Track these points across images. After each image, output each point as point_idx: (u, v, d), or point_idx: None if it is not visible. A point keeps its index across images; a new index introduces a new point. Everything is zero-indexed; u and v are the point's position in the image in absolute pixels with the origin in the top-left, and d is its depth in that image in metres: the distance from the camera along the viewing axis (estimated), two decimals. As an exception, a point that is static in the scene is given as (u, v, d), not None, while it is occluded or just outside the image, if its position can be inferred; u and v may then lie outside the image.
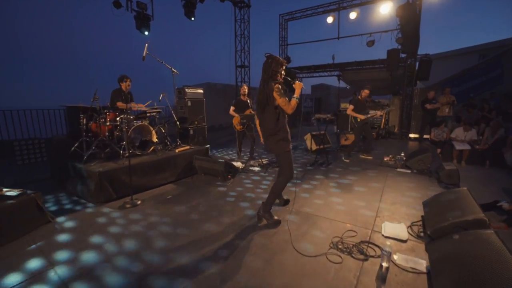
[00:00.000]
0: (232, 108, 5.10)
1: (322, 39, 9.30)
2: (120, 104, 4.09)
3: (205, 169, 4.09)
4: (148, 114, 4.18)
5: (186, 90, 5.63)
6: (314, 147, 6.01)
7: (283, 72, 2.34)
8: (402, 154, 5.26)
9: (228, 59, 10.62)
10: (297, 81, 2.36)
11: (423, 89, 8.62)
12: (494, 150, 6.11)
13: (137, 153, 3.81)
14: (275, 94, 2.21)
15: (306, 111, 16.77)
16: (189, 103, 5.62)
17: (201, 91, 5.98)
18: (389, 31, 7.78)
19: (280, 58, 2.34)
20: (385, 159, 5.14)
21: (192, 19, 7.69)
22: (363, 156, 5.48)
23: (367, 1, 7.62)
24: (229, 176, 3.92)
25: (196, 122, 5.58)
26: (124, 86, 4.20)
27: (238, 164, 4.74)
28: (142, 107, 4.29)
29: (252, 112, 5.05)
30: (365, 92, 5.13)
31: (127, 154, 3.32)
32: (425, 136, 7.99)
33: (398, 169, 4.55)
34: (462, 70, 9.45)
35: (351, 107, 5.18)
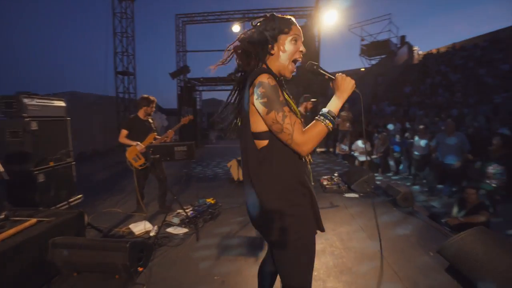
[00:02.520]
0: (123, 132, 3.14)
1: (224, 49, 8.45)
2: None
3: (83, 265, 2.00)
4: None
5: (27, 101, 3.05)
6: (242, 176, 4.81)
7: (301, 48, 1.03)
8: (336, 175, 4.96)
9: (104, 63, 7.83)
10: (337, 74, 1.01)
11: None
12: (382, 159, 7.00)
13: None
14: (255, 101, 0.92)
15: (201, 127, 15.52)
16: (34, 126, 3.07)
17: (61, 103, 3.51)
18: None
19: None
20: (324, 183, 4.63)
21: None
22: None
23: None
24: (140, 269, 2.03)
25: (52, 163, 3.07)
26: None
27: (143, 227, 2.83)
28: None
29: (158, 137, 3.28)
30: (310, 104, 4.46)
31: None
32: (330, 150, 8.56)
33: (346, 195, 4.08)
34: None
35: None
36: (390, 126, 8.76)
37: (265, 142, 0.94)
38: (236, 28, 7.64)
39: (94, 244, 2.04)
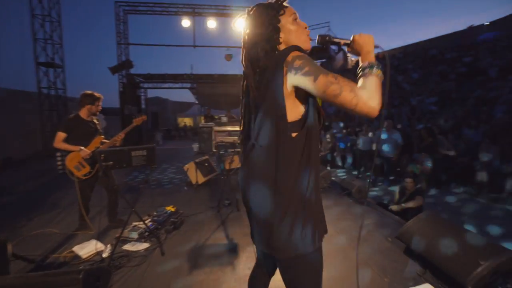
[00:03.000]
0: (60, 135, 2.62)
1: (175, 44, 7.89)
2: None
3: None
4: None
5: None
6: (201, 179, 4.57)
7: (306, 26, 0.98)
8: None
9: (20, 51, 6.40)
10: (353, 36, 0.92)
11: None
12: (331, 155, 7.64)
13: None
14: (293, 78, 0.80)
15: (146, 127, 14.30)
16: None
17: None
18: (245, 48, 7.84)
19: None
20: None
21: None
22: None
23: (223, 13, 7.23)
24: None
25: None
26: None
27: (93, 247, 2.40)
28: None
29: (105, 140, 2.85)
30: None
31: None
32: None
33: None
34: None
35: None
36: (335, 125, 9.59)
37: (294, 135, 0.85)
38: (186, 22, 7.19)
39: (29, 283, 1.61)
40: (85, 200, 2.77)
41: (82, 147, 2.61)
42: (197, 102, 14.30)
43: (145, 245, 2.51)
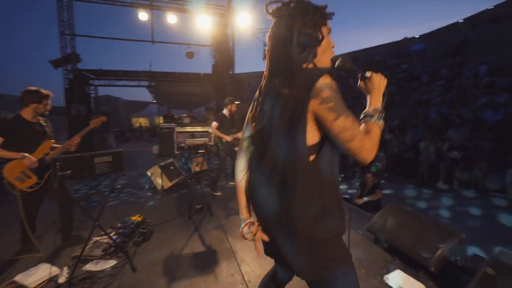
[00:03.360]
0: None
1: (131, 38, 7.23)
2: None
3: None
4: None
5: None
6: (167, 184, 4.29)
7: (334, 46, 0.91)
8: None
9: None
10: (372, 73, 0.92)
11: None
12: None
13: None
14: (317, 107, 0.77)
15: (97, 129, 12.91)
16: None
17: None
18: (207, 46, 7.62)
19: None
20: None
21: None
22: (232, 184, 4.70)
23: (184, 9, 6.88)
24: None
25: None
26: None
27: (45, 272, 2.05)
28: None
29: (56, 145, 2.47)
30: (234, 107, 4.35)
31: None
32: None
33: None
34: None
35: (216, 124, 4.15)
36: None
37: (312, 157, 0.81)
38: (143, 16, 6.61)
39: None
40: (31, 217, 2.35)
41: (26, 154, 2.21)
42: (154, 101, 13.41)
43: (112, 262, 2.24)
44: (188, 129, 7.81)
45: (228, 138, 4.19)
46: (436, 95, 9.62)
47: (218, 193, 4.15)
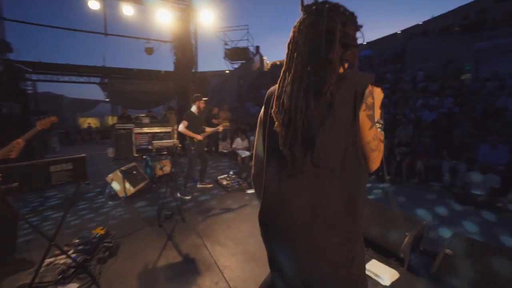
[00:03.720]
0: None
1: (80, 29, 6.37)
2: None
3: None
4: None
5: None
6: (130, 190, 3.92)
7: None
8: (232, 173, 5.10)
9: None
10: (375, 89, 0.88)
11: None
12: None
13: None
14: (361, 112, 0.76)
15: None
16: None
17: None
18: (167, 42, 7.17)
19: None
20: (224, 182, 4.62)
21: None
22: (201, 186, 4.51)
23: (140, 1, 6.32)
24: None
25: None
26: None
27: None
28: None
29: None
30: (202, 104, 4.15)
31: None
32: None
33: (248, 191, 4.27)
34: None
35: (185, 123, 3.92)
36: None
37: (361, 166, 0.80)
38: (94, 4, 5.84)
39: None
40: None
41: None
42: (107, 99, 12.15)
43: (73, 286, 1.94)
44: (148, 129, 7.29)
45: (199, 137, 4.02)
46: (384, 97, 10.69)
47: (188, 197, 3.95)
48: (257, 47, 19.72)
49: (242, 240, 2.64)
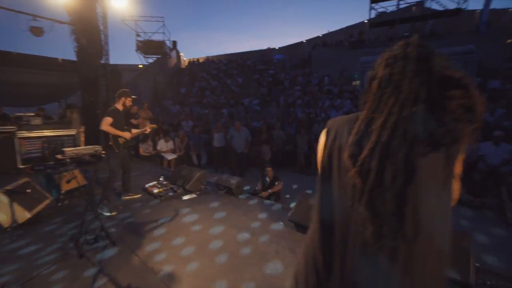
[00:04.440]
0: None
1: None
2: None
3: None
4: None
5: None
6: (24, 216, 2.94)
7: None
8: (162, 179, 4.58)
9: None
10: None
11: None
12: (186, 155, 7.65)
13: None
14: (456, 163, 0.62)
15: None
16: None
17: None
18: (65, 24, 5.71)
19: None
20: (155, 190, 4.10)
21: None
22: (128, 198, 3.84)
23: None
24: None
25: None
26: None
27: None
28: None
29: None
30: (129, 101, 3.53)
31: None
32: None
33: (184, 198, 3.93)
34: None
35: (109, 120, 3.26)
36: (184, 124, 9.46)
37: None
38: None
39: None
40: None
41: None
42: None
43: None
44: (39, 133, 5.64)
45: (128, 134, 3.47)
46: (297, 98, 11.94)
47: (114, 213, 3.30)
48: (174, 42, 18.48)
49: (193, 255, 2.40)
